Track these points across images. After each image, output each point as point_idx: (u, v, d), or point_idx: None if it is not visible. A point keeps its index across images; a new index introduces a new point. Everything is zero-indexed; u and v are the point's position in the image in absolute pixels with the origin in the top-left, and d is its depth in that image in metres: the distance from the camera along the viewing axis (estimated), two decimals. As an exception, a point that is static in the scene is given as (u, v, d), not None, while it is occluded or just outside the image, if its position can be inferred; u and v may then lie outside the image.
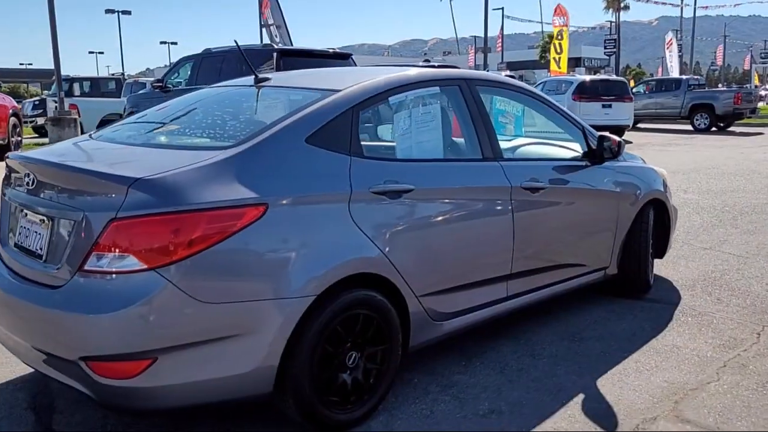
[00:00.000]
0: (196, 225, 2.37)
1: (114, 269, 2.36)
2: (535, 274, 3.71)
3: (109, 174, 2.45)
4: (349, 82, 3.11)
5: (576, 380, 3.28)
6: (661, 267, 5.05)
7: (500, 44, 53.01)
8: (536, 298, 3.77)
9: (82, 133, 16.42)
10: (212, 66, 11.42)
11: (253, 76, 3.44)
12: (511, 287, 3.57)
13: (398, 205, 2.94)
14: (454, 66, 4.03)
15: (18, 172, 2.88)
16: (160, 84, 12.12)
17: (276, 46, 10.64)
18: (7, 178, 3.05)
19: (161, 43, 77.20)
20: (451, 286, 3.22)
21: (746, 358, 3.53)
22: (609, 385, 3.24)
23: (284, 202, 2.56)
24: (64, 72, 17.44)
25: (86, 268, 2.40)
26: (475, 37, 69.85)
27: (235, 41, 3.71)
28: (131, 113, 12.76)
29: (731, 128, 22.11)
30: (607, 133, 4.07)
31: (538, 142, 4.31)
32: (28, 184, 2.71)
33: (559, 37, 26.97)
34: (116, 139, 3.14)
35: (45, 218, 2.64)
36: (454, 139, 3.54)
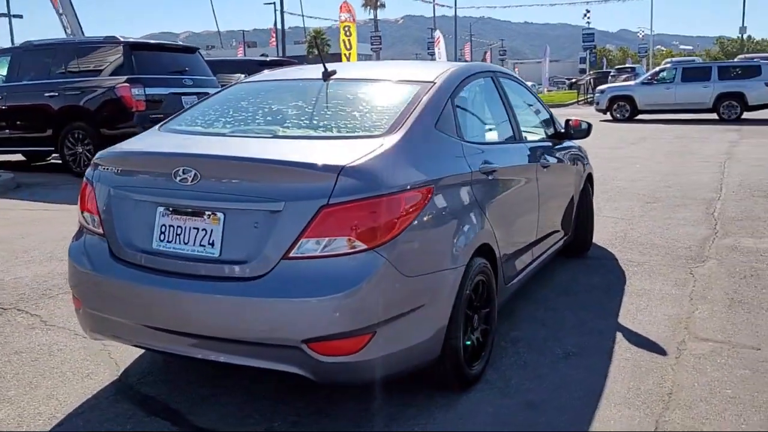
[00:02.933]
0: (398, 206, 2.56)
1: (329, 253, 2.46)
2: (543, 241, 4.31)
3: (315, 164, 2.52)
4: (430, 73, 3.40)
5: (604, 323, 3.94)
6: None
7: (274, 39, 53.26)
8: (543, 261, 4.36)
9: None
10: (37, 60, 10.42)
11: (318, 69, 3.52)
12: (534, 252, 4.12)
13: (491, 182, 3.33)
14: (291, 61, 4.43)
15: (152, 170, 2.76)
16: (-30, 80, 10.70)
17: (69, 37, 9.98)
18: (115, 176, 2.86)
19: None
20: (514, 252, 3.68)
21: (700, 291, 4.47)
22: (629, 323, 3.94)
23: (440, 182, 2.83)
24: None
25: (293, 255, 2.47)
26: (243, 31, 69.20)
27: (315, 38, 3.73)
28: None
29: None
30: (572, 118, 4.80)
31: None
32: (184, 180, 2.62)
33: (347, 34, 28.05)
34: (225, 132, 3.11)
35: (213, 213, 2.60)
36: (498, 123, 3.97)
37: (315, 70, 3.56)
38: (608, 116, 22.27)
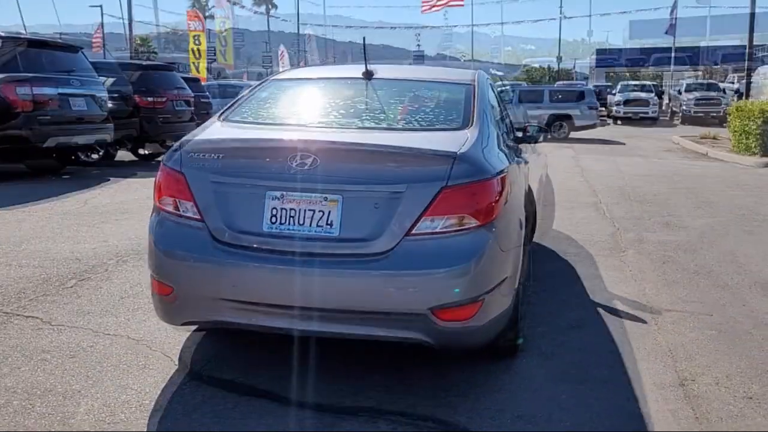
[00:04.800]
0: (497, 188, 2.92)
1: (446, 230, 2.76)
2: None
3: (436, 150, 2.80)
4: (464, 76, 3.80)
5: (582, 301, 4.54)
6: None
7: (100, 43, 50.06)
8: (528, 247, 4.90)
9: None
10: None
11: (356, 69, 3.76)
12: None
13: (520, 172, 3.79)
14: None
15: (265, 156, 2.87)
16: None
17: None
18: (214, 163, 2.92)
19: None
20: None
21: (637, 274, 5.24)
22: (601, 300, 4.56)
23: (508, 169, 3.23)
24: None
25: (415, 232, 2.73)
26: (60, 34, 64.18)
27: (364, 38, 3.86)
28: None
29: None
30: (534, 123, 5.42)
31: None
32: (301, 165, 2.77)
33: (197, 42, 27.41)
34: (305, 125, 3.26)
35: (330, 196, 2.77)
36: (504, 121, 4.42)
37: (355, 70, 3.80)
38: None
